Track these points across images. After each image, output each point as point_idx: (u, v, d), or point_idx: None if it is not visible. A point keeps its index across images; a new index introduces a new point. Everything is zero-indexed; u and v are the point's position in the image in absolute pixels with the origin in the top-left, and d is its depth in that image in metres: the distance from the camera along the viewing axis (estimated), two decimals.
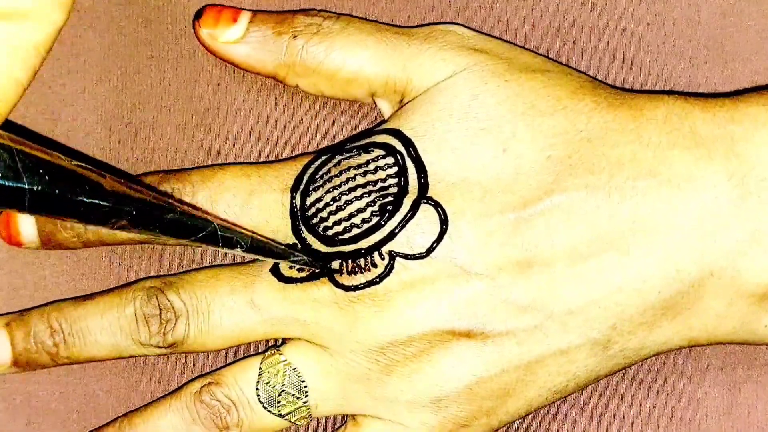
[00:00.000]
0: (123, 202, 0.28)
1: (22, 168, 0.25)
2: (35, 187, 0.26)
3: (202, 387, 0.38)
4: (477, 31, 0.39)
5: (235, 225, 0.34)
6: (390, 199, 0.36)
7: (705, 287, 0.35)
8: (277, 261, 0.36)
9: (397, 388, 0.36)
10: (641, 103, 0.37)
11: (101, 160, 0.40)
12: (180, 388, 0.38)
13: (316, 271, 0.36)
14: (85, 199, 0.27)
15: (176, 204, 0.31)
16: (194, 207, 0.37)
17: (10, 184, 0.25)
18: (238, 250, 0.33)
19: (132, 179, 0.37)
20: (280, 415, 0.37)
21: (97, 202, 0.27)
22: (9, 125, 0.39)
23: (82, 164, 0.28)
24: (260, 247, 0.34)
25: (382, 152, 0.37)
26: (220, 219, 0.33)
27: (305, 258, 0.35)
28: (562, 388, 0.37)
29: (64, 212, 0.27)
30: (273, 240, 0.36)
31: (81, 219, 0.27)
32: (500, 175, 0.36)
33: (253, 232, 0.34)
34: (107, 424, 0.39)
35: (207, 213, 0.36)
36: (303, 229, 0.37)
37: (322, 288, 0.36)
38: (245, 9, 0.39)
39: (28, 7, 0.29)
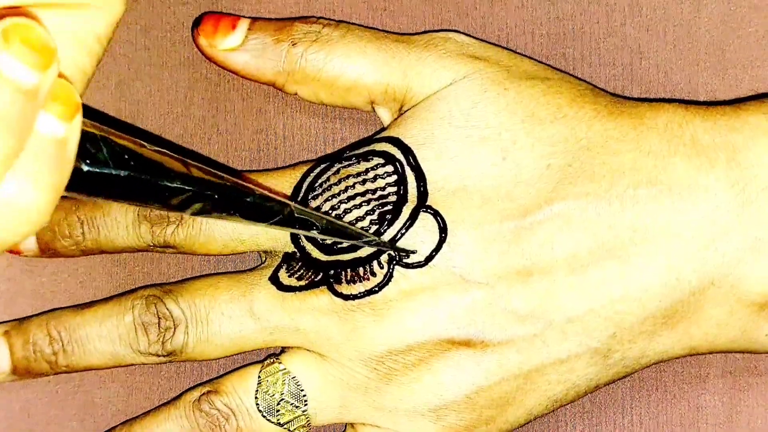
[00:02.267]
0: (206, 187, 0.29)
1: (108, 155, 0.26)
2: (122, 173, 0.26)
3: (201, 395, 0.37)
4: (477, 39, 0.39)
5: (310, 208, 0.35)
6: (389, 207, 0.36)
7: (705, 296, 0.35)
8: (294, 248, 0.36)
9: (396, 396, 0.36)
10: (642, 111, 0.37)
11: (182, 146, 0.40)
12: (179, 396, 0.38)
13: (316, 279, 0.36)
14: (169, 184, 0.28)
15: (255, 188, 0.31)
16: (271, 190, 0.37)
17: (98, 170, 0.26)
18: (314, 231, 0.33)
19: (212, 164, 0.37)
20: (279, 424, 0.37)
21: (181, 186, 0.28)
22: (92, 113, 0.39)
23: (166, 151, 0.28)
24: (334, 229, 0.34)
25: (382, 160, 0.37)
26: (295, 202, 0.33)
27: (376, 239, 0.35)
28: (562, 396, 0.37)
29: (150, 198, 0.28)
30: (347, 223, 0.36)
31: (164, 204, 0.28)
32: (500, 183, 0.36)
33: (328, 217, 0.35)
34: None
35: (283, 196, 0.36)
36: (302, 237, 0.37)
37: (321, 297, 0.36)
38: (244, 17, 0.39)
39: None
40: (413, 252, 0.35)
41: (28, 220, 0.25)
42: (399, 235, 0.36)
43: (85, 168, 0.26)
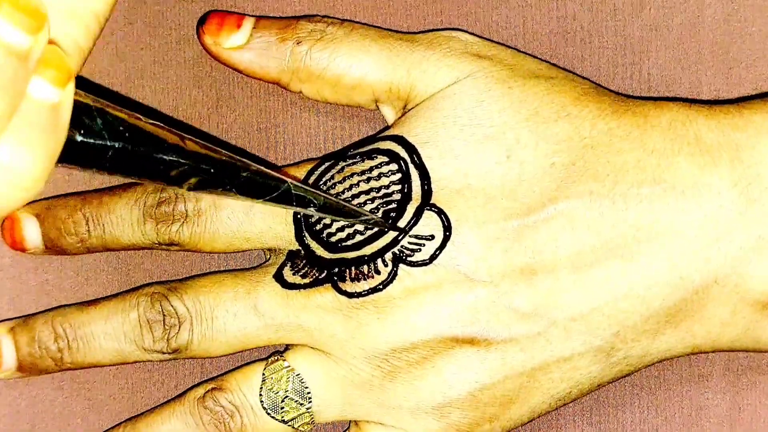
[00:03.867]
0: (202, 161, 0.29)
1: (103, 126, 0.26)
2: (117, 145, 0.26)
3: (205, 393, 0.38)
4: (481, 37, 0.39)
5: (308, 185, 0.34)
6: (393, 205, 0.36)
7: (709, 294, 0.35)
8: (294, 259, 0.36)
9: (400, 394, 0.36)
10: (645, 109, 0.37)
11: (183, 120, 0.40)
12: (183, 393, 0.38)
13: (320, 277, 0.36)
14: (165, 157, 0.28)
15: (251, 163, 0.31)
16: (269, 165, 0.36)
17: (93, 141, 0.26)
18: (311, 209, 0.33)
19: (209, 139, 0.37)
20: (284, 421, 0.37)
21: (177, 159, 0.28)
22: (88, 85, 0.39)
23: (161, 124, 0.28)
24: (332, 206, 0.34)
25: (386, 159, 0.37)
26: (293, 178, 0.33)
27: (375, 218, 0.35)
28: (565, 394, 0.37)
29: (145, 171, 0.27)
30: (344, 200, 0.36)
31: (160, 178, 0.28)
32: (504, 182, 0.36)
33: (326, 194, 0.34)
34: (111, 429, 0.39)
35: (281, 172, 0.36)
36: (307, 235, 0.37)
37: (326, 294, 0.36)
38: (249, 15, 0.39)
39: None
40: (410, 237, 0.35)
41: (22, 185, 0.25)
42: (403, 234, 0.36)
43: (79, 138, 0.26)
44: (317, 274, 0.37)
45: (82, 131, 0.26)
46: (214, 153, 0.30)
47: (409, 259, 0.36)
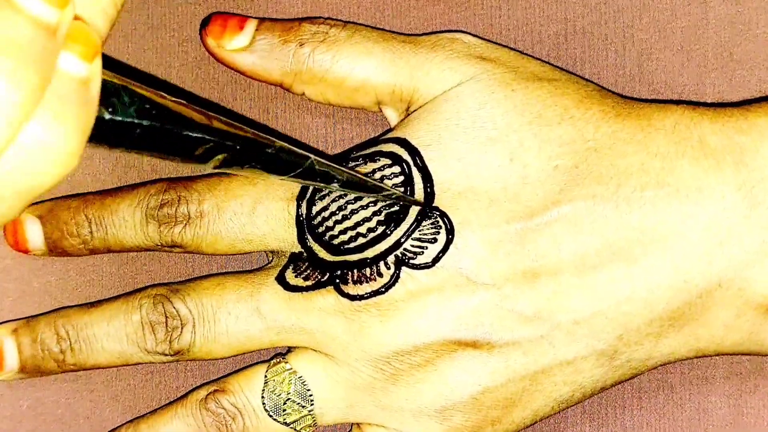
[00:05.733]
0: (227, 137, 0.29)
1: (131, 104, 0.26)
2: (144, 122, 0.27)
3: (207, 395, 0.38)
4: (484, 40, 0.39)
5: (332, 161, 0.35)
6: (396, 208, 0.36)
7: (713, 298, 0.35)
8: (296, 260, 0.36)
9: (402, 397, 0.36)
10: (649, 112, 0.37)
11: (203, 97, 0.40)
12: (186, 395, 0.38)
13: (322, 280, 0.36)
14: (191, 135, 0.28)
15: (275, 140, 0.31)
16: (293, 142, 0.36)
17: (121, 119, 0.26)
18: (335, 184, 0.33)
19: (234, 116, 0.38)
20: (286, 424, 0.37)
21: (202, 136, 0.28)
22: (114, 64, 0.40)
23: (187, 102, 0.28)
24: (355, 182, 0.34)
25: (389, 161, 0.37)
26: (317, 154, 0.33)
27: (398, 192, 0.35)
28: (568, 398, 0.37)
29: (171, 148, 0.28)
30: (366, 175, 0.36)
31: (186, 156, 0.28)
32: (507, 185, 0.36)
33: (349, 170, 0.34)
34: (113, 431, 0.39)
35: (305, 147, 0.36)
36: (309, 237, 0.37)
37: (328, 297, 0.36)
38: (252, 17, 0.39)
39: None
40: (434, 208, 0.35)
41: (58, 161, 0.25)
42: (405, 236, 0.36)
43: (108, 116, 0.26)
44: (320, 277, 0.36)
45: (110, 109, 0.26)
46: (239, 130, 0.30)
47: (411, 261, 0.36)
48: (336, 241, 0.36)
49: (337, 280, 0.36)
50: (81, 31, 0.26)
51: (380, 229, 0.36)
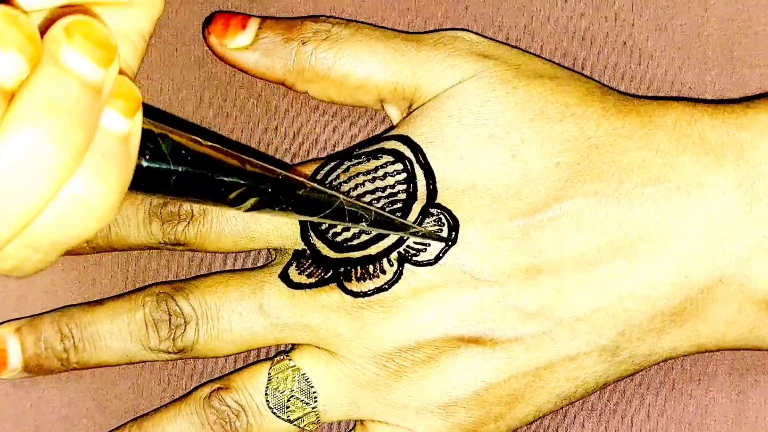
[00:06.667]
0: (260, 181, 0.30)
1: (167, 151, 0.27)
2: (180, 169, 0.27)
3: (211, 392, 0.38)
4: (486, 37, 0.39)
5: (360, 200, 0.35)
6: (399, 205, 0.36)
7: (714, 294, 0.35)
8: (293, 259, 0.36)
9: (405, 393, 0.37)
10: (650, 109, 0.37)
11: (234, 140, 0.40)
12: (189, 393, 0.38)
13: (326, 277, 0.37)
14: (226, 179, 0.28)
15: (306, 181, 0.32)
16: (321, 182, 0.37)
17: (158, 166, 0.27)
18: (363, 224, 0.34)
19: (262, 158, 0.38)
20: (290, 421, 0.37)
21: (236, 181, 0.29)
22: (148, 110, 0.40)
23: (219, 146, 0.29)
24: (383, 221, 0.34)
25: (391, 158, 0.37)
26: (344, 194, 0.33)
27: (425, 230, 0.35)
28: (571, 393, 0.37)
29: (206, 193, 0.28)
30: (393, 214, 0.36)
31: (221, 200, 0.29)
32: (509, 182, 0.36)
33: (376, 208, 0.35)
34: (117, 429, 0.39)
35: (333, 189, 0.37)
36: (312, 235, 0.37)
37: (331, 294, 0.36)
38: (254, 16, 0.39)
39: None
40: (450, 240, 0.35)
41: (96, 216, 0.25)
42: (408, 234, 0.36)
43: (145, 164, 0.26)
44: (323, 274, 0.37)
45: (147, 156, 0.26)
46: (271, 173, 0.30)
47: (414, 258, 0.36)
48: (339, 239, 0.36)
49: (341, 278, 0.36)
50: (124, 85, 0.26)
51: None
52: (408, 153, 0.37)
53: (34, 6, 0.26)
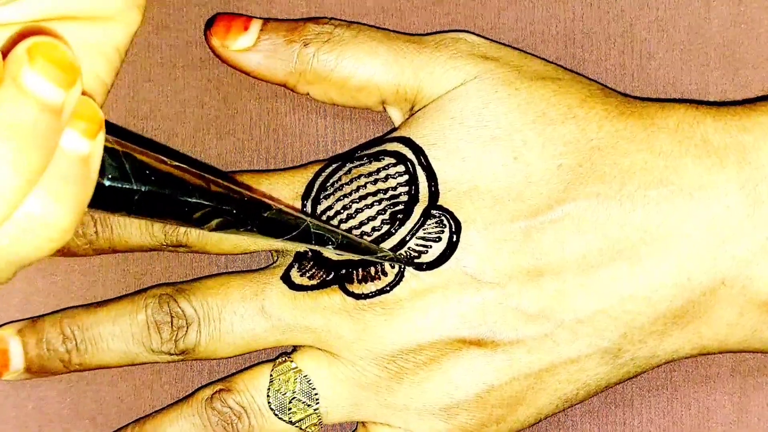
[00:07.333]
0: (225, 201, 0.29)
1: (130, 170, 0.26)
2: (143, 188, 0.27)
3: (213, 394, 0.38)
4: (488, 39, 0.39)
5: (327, 223, 0.35)
6: (400, 207, 0.36)
7: (716, 296, 0.35)
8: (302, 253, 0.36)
9: (407, 395, 0.37)
10: (652, 111, 0.37)
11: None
12: (191, 394, 0.38)
13: (327, 279, 0.37)
14: (189, 200, 0.28)
15: (272, 203, 0.31)
16: (287, 205, 0.37)
17: (120, 185, 0.26)
18: (330, 247, 0.33)
19: (228, 179, 0.38)
20: (291, 422, 0.37)
21: (200, 201, 0.28)
22: (113, 128, 0.40)
23: (184, 166, 0.28)
24: (350, 244, 0.34)
25: (393, 160, 0.37)
26: (310, 217, 0.33)
27: (392, 254, 0.35)
28: (573, 396, 0.37)
29: (169, 213, 0.28)
30: (360, 237, 0.36)
31: (183, 220, 0.28)
32: (511, 184, 0.36)
33: (344, 232, 0.35)
34: (118, 431, 0.39)
35: (298, 211, 0.36)
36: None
37: (333, 296, 0.36)
38: (256, 17, 0.39)
39: (111, 9, 0.29)
40: (424, 264, 0.35)
41: (52, 236, 0.25)
42: (410, 235, 0.36)
43: (107, 183, 0.26)
44: (324, 276, 0.37)
45: (109, 176, 0.26)
46: (236, 194, 0.30)
47: (416, 260, 0.36)
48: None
49: (342, 279, 0.36)
50: (86, 106, 0.25)
51: (385, 228, 0.36)
52: (410, 155, 0.37)
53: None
